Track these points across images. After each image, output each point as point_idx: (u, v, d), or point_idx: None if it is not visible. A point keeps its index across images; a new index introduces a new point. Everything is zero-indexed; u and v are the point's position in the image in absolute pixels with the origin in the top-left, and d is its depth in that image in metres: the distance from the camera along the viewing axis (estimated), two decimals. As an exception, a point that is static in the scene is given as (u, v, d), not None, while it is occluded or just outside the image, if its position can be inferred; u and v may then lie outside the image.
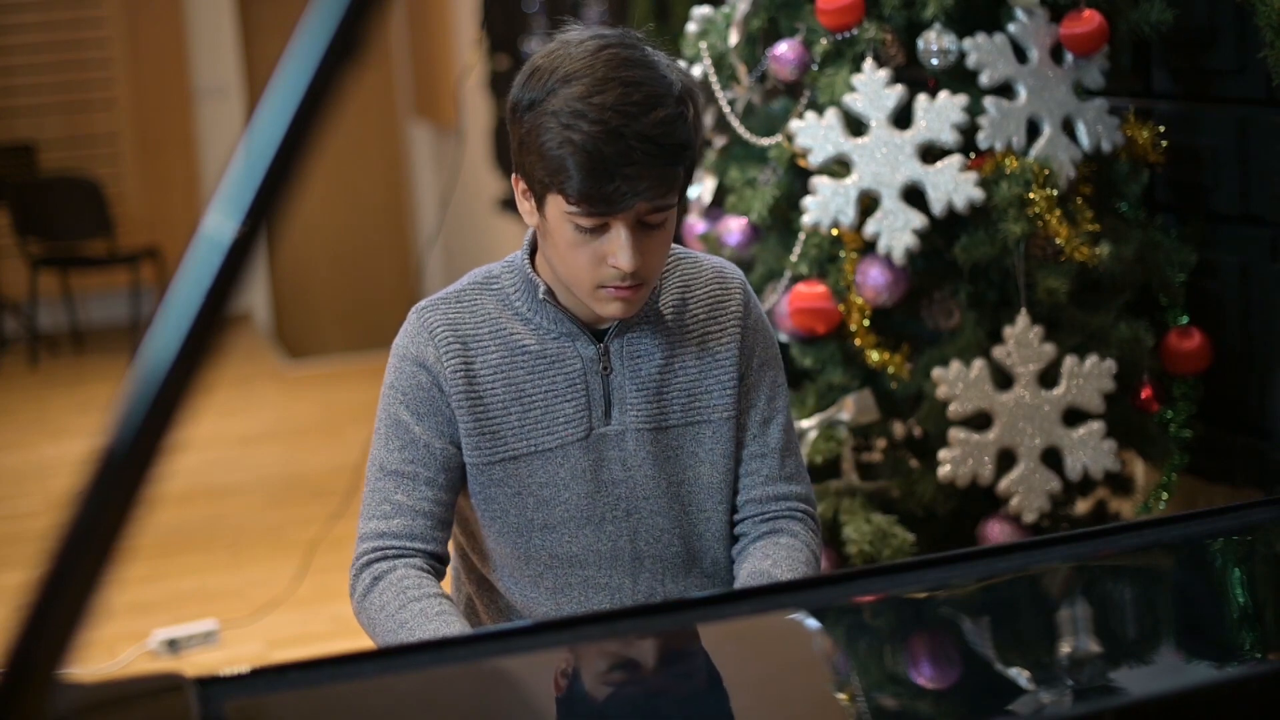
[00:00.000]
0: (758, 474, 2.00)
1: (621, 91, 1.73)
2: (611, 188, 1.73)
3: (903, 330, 2.84)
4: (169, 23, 8.84)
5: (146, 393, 0.96)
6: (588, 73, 1.74)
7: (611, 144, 1.71)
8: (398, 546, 1.88)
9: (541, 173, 1.77)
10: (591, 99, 1.72)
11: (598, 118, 1.71)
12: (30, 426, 6.81)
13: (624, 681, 1.50)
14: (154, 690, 1.31)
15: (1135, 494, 3.04)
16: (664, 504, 1.94)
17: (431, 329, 1.89)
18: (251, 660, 3.94)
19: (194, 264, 0.96)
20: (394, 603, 1.83)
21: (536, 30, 6.42)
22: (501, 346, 1.90)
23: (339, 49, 0.96)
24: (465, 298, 1.92)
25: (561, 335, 1.90)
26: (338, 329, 9.32)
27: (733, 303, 1.98)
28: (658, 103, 1.74)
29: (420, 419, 1.89)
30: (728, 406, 1.95)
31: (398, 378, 1.91)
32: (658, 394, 1.93)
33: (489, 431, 1.89)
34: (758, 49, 2.96)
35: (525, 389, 1.89)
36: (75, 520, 0.96)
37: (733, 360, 1.96)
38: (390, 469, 1.89)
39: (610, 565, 1.94)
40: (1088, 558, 1.71)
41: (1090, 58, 2.78)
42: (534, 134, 1.76)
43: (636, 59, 1.77)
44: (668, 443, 1.94)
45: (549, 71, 1.76)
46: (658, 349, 1.93)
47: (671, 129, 1.75)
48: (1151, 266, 2.85)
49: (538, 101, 1.76)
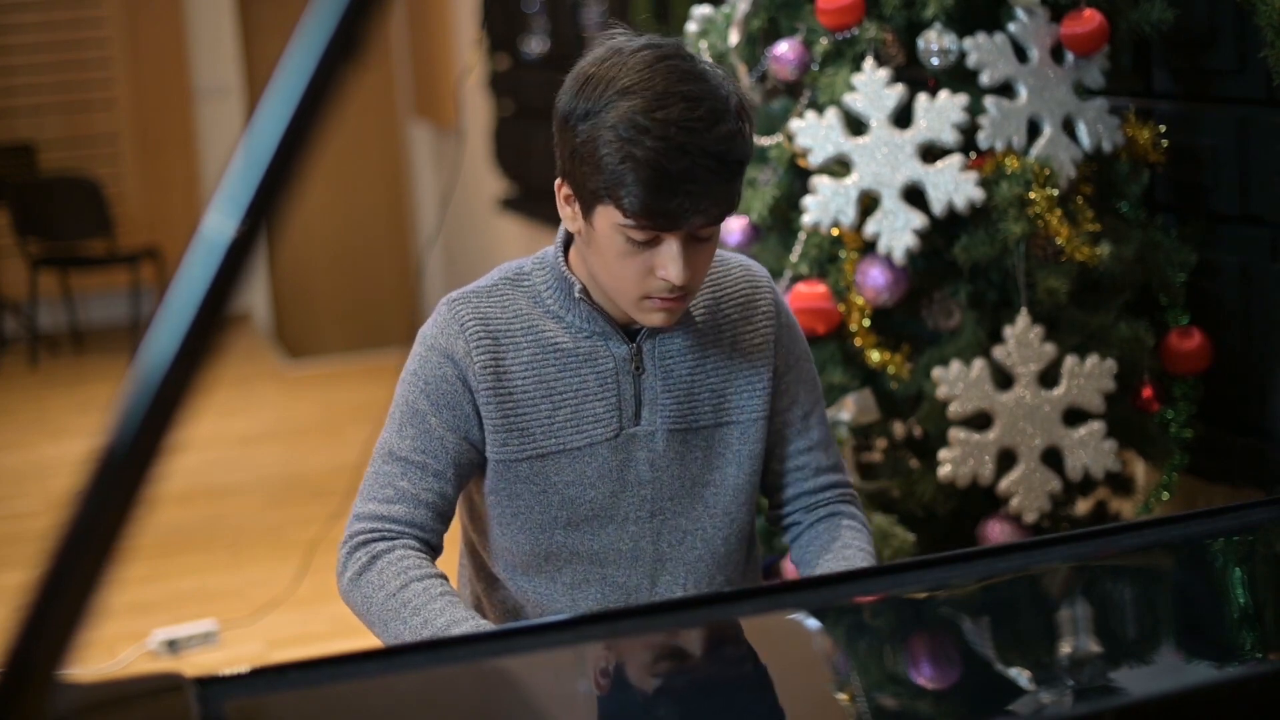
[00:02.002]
0: (806, 468, 2.01)
1: (685, 107, 1.70)
2: (674, 204, 1.71)
3: (903, 330, 2.84)
4: (169, 23, 8.84)
5: (146, 393, 0.96)
6: (647, 86, 1.71)
7: (676, 161, 1.69)
8: (395, 529, 1.86)
9: (597, 184, 1.74)
10: (654, 114, 1.69)
11: (662, 134, 1.69)
12: (30, 426, 6.81)
13: (624, 681, 1.50)
14: (154, 690, 1.31)
15: (1135, 494, 3.03)
16: (687, 505, 1.94)
17: (463, 322, 1.88)
18: (251, 660, 3.94)
19: (194, 264, 0.96)
20: (395, 581, 1.81)
21: (537, 30, 6.41)
22: (533, 343, 1.88)
23: (339, 49, 0.96)
24: (496, 293, 1.91)
25: (595, 334, 1.89)
26: (338, 329, 9.32)
27: (764, 302, 1.97)
28: (720, 118, 1.72)
29: (438, 410, 1.87)
30: (758, 408, 1.95)
31: (422, 366, 1.89)
32: (689, 395, 1.92)
33: (517, 428, 1.88)
34: (758, 49, 2.96)
35: (556, 387, 1.88)
36: (75, 520, 0.96)
37: (767, 361, 1.95)
38: (399, 455, 1.88)
39: (630, 565, 1.93)
40: (1088, 558, 1.71)
41: (1091, 57, 2.78)
42: (590, 145, 1.73)
43: (694, 72, 1.74)
44: (696, 443, 1.93)
45: (604, 82, 1.73)
46: (690, 350, 1.92)
47: (733, 145, 1.73)
48: (1152, 266, 2.85)
49: (594, 112, 1.73)
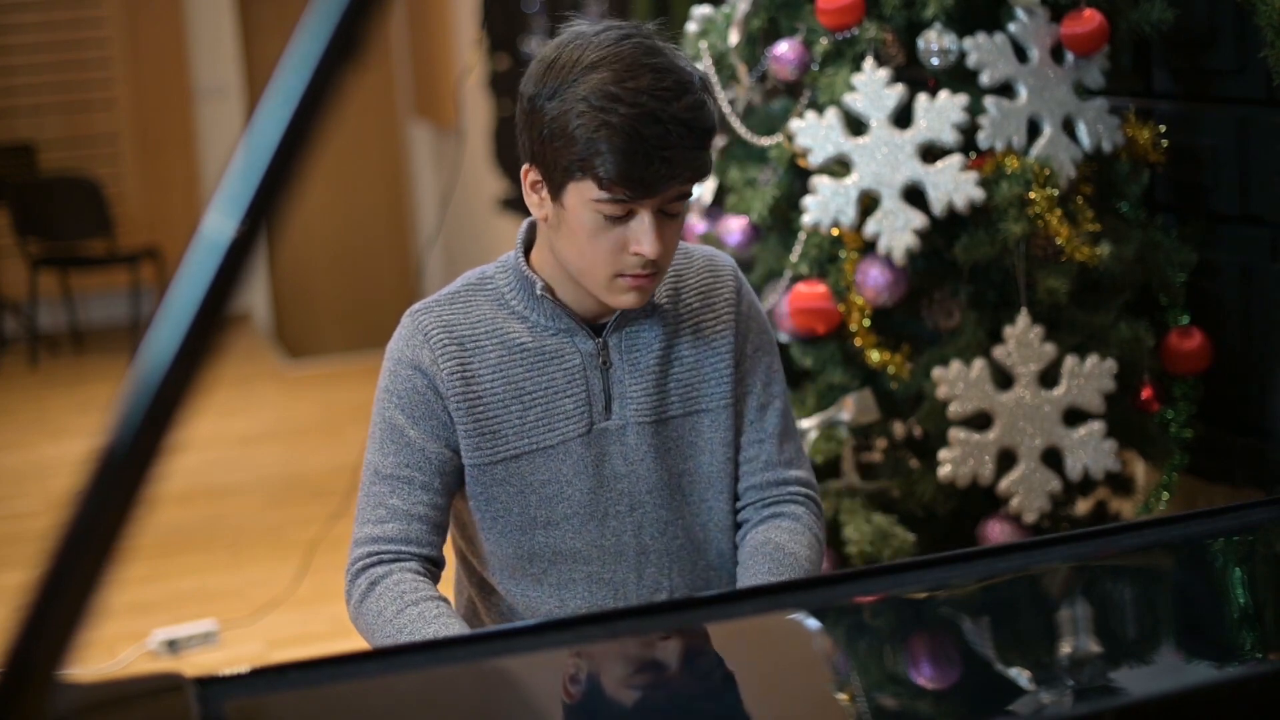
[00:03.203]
0: (756, 460, 2.00)
1: (654, 77, 1.74)
2: (650, 171, 1.73)
3: (903, 330, 2.84)
4: (169, 23, 8.84)
5: (146, 393, 0.96)
6: (615, 59, 1.74)
7: (650, 126, 1.72)
8: (393, 551, 1.87)
9: (570, 159, 1.76)
10: (625, 83, 1.73)
11: (634, 100, 1.72)
12: (30, 426, 6.81)
13: (624, 681, 1.50)
14: (154, 690, 1.31)
15: (1135, 494, 3.03)
16: (666, 496, 1.94)
17: (426, 331, 1.88)
18: (251, 660, 3.94)
19: (194, 264, 0.96)
20: (391, 607, 1.82)
21: (536, 30, 6.41)
22: (499, 346, 1.89)
23: (339, 49, 0.96)
24: (459, 299, 1.91)
25: (560, 331, 1.90)
26: (338, 329, 9.32)
27: (725, 289, 1.98)
28: (686, 88, 1.76)
29: (416, 423, 1.88)
30: (725, 394, 1.95)
31: (392, 381, 1.89)
32: (657, 386, 1.93)
33: (489, 431, 1.88)
34: (758, 49, 2.96)
35: (525, 386, 1.89)
36: (75, 520, 0.96)
37: (729, 347, 1.96)
38: (385, 473, 1.88)
39: (614, 560, 1.93)
40: (1088, 558, 1.71)
41: (1091, 57, 2.78)
42: (562, 120, 1.75)
43: (656, 48, 1.78)
44: (668, 434, 1.94)
45: (570, 62, 1.76)
46: (656, 341, 1.93)
47: (702, 113, 1.77)
48: (1152, 266, 2.85)
49: (562, 89, 1.75)
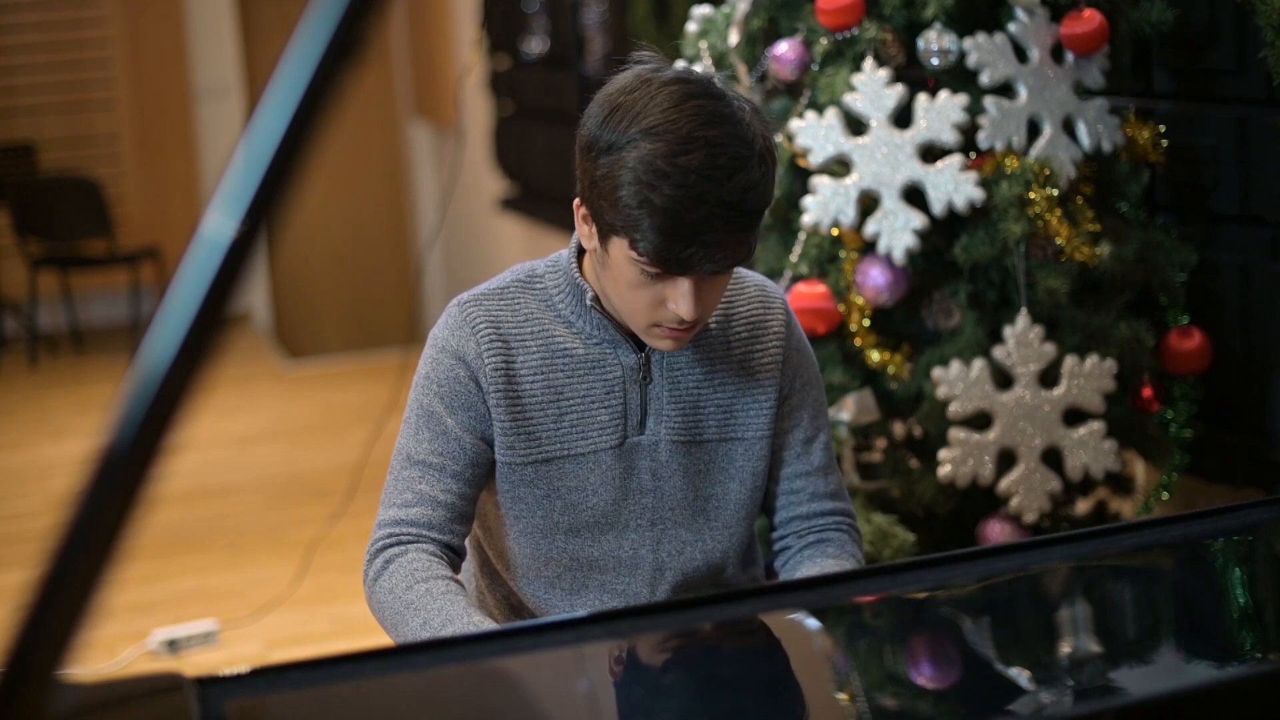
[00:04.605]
0: (802, 492, 2.00)
1: (707, 154, 1.67)
2: (688, 253, 1.69)
3: (903, 330, 2.84)
4: (169, 23, 8.84)
5: (146, 393, 0.96)
6: (671, 128, 1.68)
7: (693, 210, 1.67)
8: (414, 533, 1.86)
9: (614, 220, 1.72)
10: (676, 159, 1.67)
11: (681, 180, 1.66)
12: (30, 426, 6.81)
13: (624, 681, 1.50)
14: (154, 690, 1.31)
15: (1135, 494, 3.03)
16: (688, 516, 1.94)
17: (474, 324, 1.87)
18: (251, 660, 3.94)
19: (194, 264, 0.96)
20: (402, 584, 1.82)
21: (536, 30, 6.41)
22: (543, 348, 1.88)
23: (339, 49, 0.96)
24: (508, 295, 1.90)
25: (604, 341, 1.89)
26: (338, 329, 9.32)
27: (775, 323, 1.96)
28: (741, 165, 1.69)
29: (454, 412, 1.87)
30: (763, 426, 1.95)
31: (434, 369, 1.89)
32: (694, 408, 1.92)
33: (524, 432, 1.88)
34: (758, 49, 2.96)
35: (564, 392, 1.88)
36: (75, 520, 0.96)
37: (773, 380, 1.95)
38: (417, 459, 1.88)
39: (630, 573, 1.94)
40: (1088, 558, 1.71)
41: (1091, 57, 2.78)
42: (610, 182, 1.71)
43: (722, 114, 1.70)
44: (700, 457, 1.93)
45: (630, 115, 1.70)
46: (698, 363, 1.92)
47: (753, 194, 1.70)
48: (1152, 266, 2.85)
49: (616, 147, 1.70)
